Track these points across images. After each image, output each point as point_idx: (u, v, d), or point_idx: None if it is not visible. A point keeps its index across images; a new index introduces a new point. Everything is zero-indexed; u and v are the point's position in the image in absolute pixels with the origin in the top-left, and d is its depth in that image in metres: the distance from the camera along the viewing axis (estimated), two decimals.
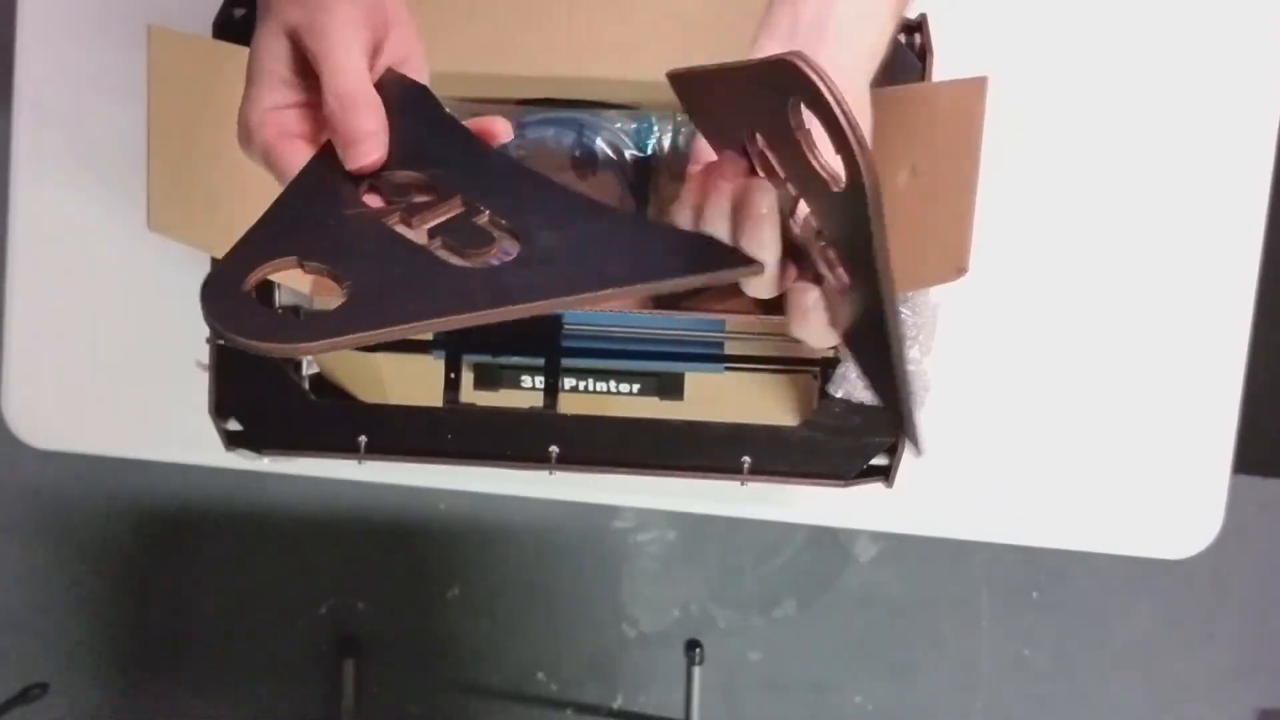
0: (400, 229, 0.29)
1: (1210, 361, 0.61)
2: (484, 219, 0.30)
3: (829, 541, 1.21)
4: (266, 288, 0.53)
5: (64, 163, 0.65)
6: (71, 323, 0.66)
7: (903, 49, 0.52)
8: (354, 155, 0.29)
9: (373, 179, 0.30)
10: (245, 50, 0.49)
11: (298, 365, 0.57)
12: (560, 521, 1.22)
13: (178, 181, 0.51)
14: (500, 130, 0.34)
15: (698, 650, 1.19)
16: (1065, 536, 0.63)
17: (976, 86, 0.46)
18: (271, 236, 0.29)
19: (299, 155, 0.30)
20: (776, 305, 0.51)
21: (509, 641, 1.23)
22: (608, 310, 0.58)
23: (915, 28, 0.52)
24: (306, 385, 0.57)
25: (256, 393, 0.54)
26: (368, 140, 0.29)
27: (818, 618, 1.22)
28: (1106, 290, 0.61)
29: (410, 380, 0.62)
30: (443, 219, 0.30)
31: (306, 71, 0.30)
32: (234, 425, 0.55)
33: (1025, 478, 0.62)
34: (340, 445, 0.54)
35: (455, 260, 0.29)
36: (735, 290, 0.35)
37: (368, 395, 0.61)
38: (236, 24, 0.52)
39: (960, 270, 0.49)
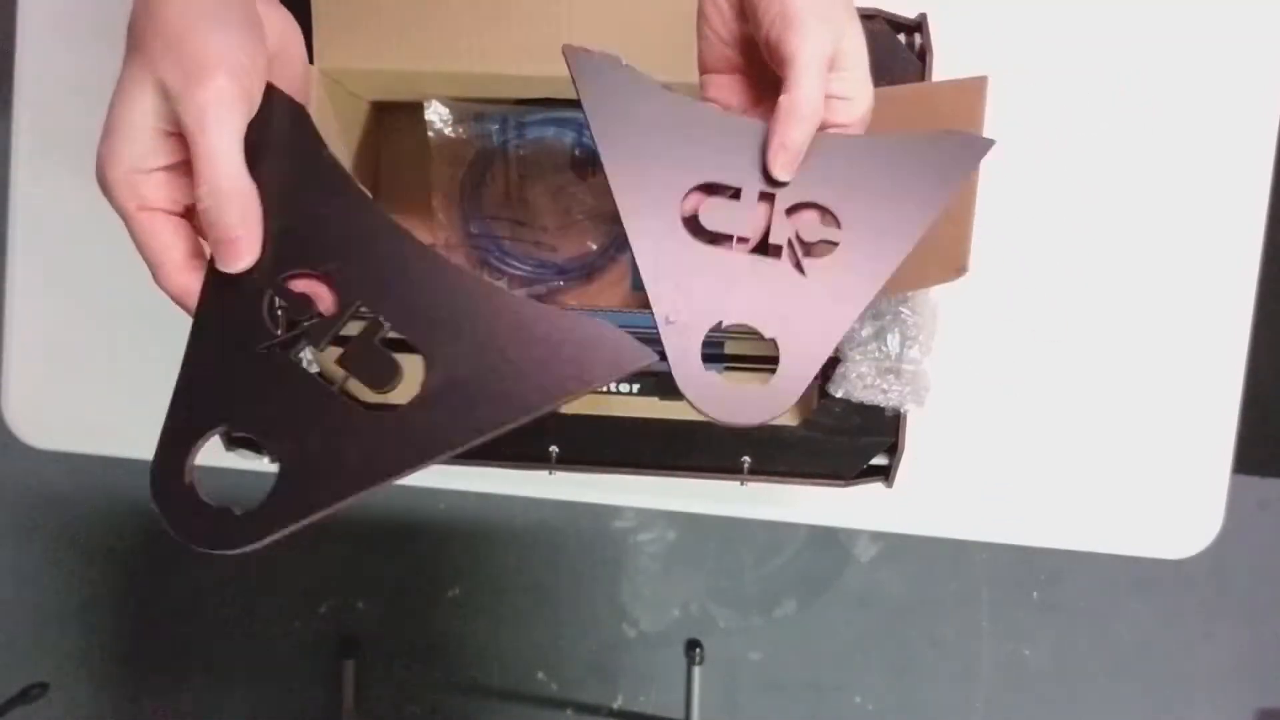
0: (306, 359, 0.29)
1: (1210, 361, 0.61)
2: (385, 333, 0.29)
3: (829, 541, 1.21)
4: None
5: (64, 163, 0.65)
6: (71, 323, 0.66)
7: (903, 48, 0.52)
8: (225, 255, 0.28)
9: (273, 287, 0.29)
10: None
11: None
12: (560, 522, 1.22)
13: None
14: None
15: (698, 650, 1.19)
16: (1065, 537, 0.63)
17: (977, 86, 0.46)
18: (194, 407, 0.29)
19: (160, 232, 0.29)
20: None
21: (509, 641, 1.23)
22: (607, 309, 0.58)
23: (915, 27, 0.52)
24: None
25: None
26: (240, 240, 0.28)
27: (818, 618, 1.22)
28: (1106, 290, 0.61)
29: (409, 380, 0.62)
30: (349, 344, 0.29)
31: (176, 133, 0.28)
32: None
33: (1025, 478, 0.62)
34: None
35: (365, 397, 0.29)
36: None
37: (368, 396, 0.61)
38: None
39: (960, 270, 0.48)
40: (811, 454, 0.53)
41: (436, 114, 0.57)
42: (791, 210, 0.31)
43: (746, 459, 0.53)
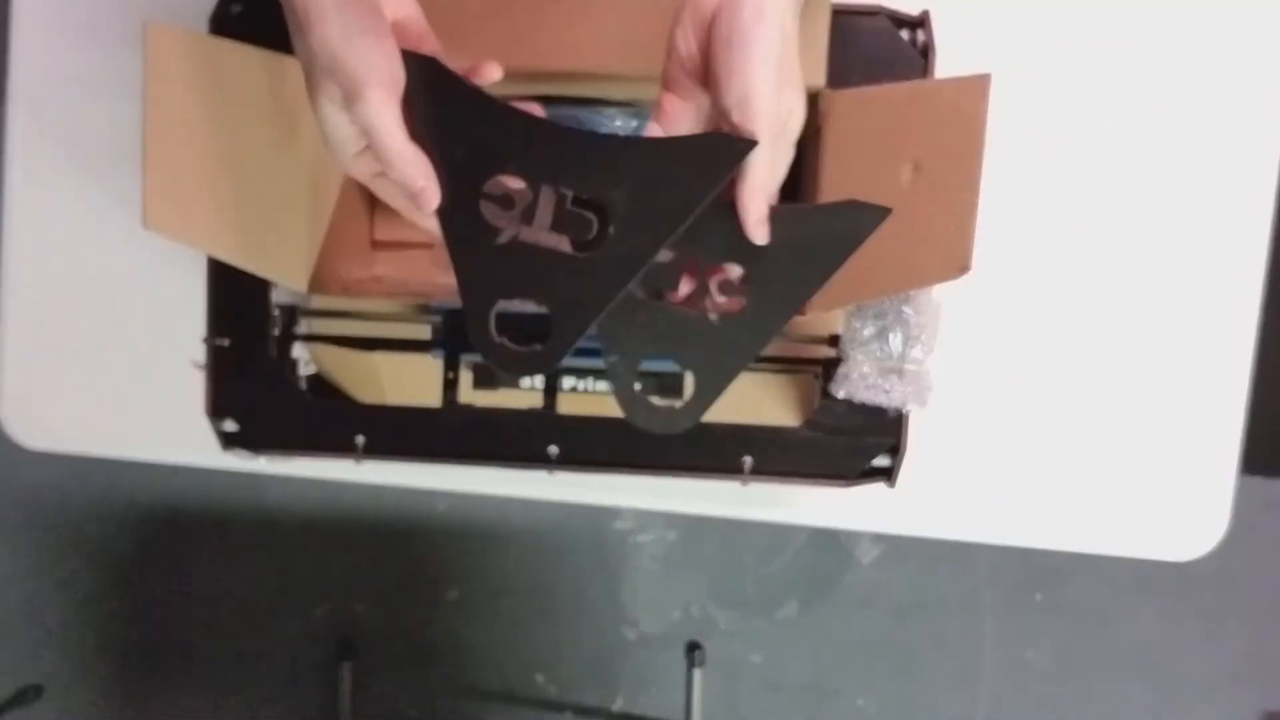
0: (529, 238, 0.38)
1: (1216, 362, 0.60)
2: (570, 199, 0.37)
3: (831, 543, 1.21)
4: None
5: (59, 161, 0.64)
6: (67, 323, 0.65)
7: (905, 45, 0.52)
8: (421, 204, 0.38)
9: (482, 196, 0.38)
10: (242, 46, 0.49)
11: (294, 365, 0.57)
12: (560, 523, 1.22)
13: (173, 179, 0.51)
14: (492, 73, 0.40)
15: (698, 652, 1.18)
16: (1069, 538, 0.63)
17: (980, 84, 0.46)
18: (476, 292, 0.38)
19: (388, 189, 0.39)
20: None
21: (508, 643, 1.23)
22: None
23: (918, 24, 0.52)
24: (304, 385, 0.56)
25: (253, 393, 0.54)
26: (426, 191, 0.37)
27: (819, 619, 1.21)
28: (1111, 290, 0.61)
29: (408, 380, 0.62)
30: (548, 216, 0.37)
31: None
32: (230, 426, 0.54)
33: (1028, 479, 0.62)
34: (338, 446, 0.54)
35: (578, 248, 0.37)
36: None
37: (365, 395, 0.60)
38: (233, 20, 0.52)
39: (963, 268, 0.48)
40: (813, 454, 0.53)
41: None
42: (710, 272, 0.40)
43: (748, 459, 0.52)
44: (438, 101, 0.37)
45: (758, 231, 0.37)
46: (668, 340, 0.40)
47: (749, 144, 0.36)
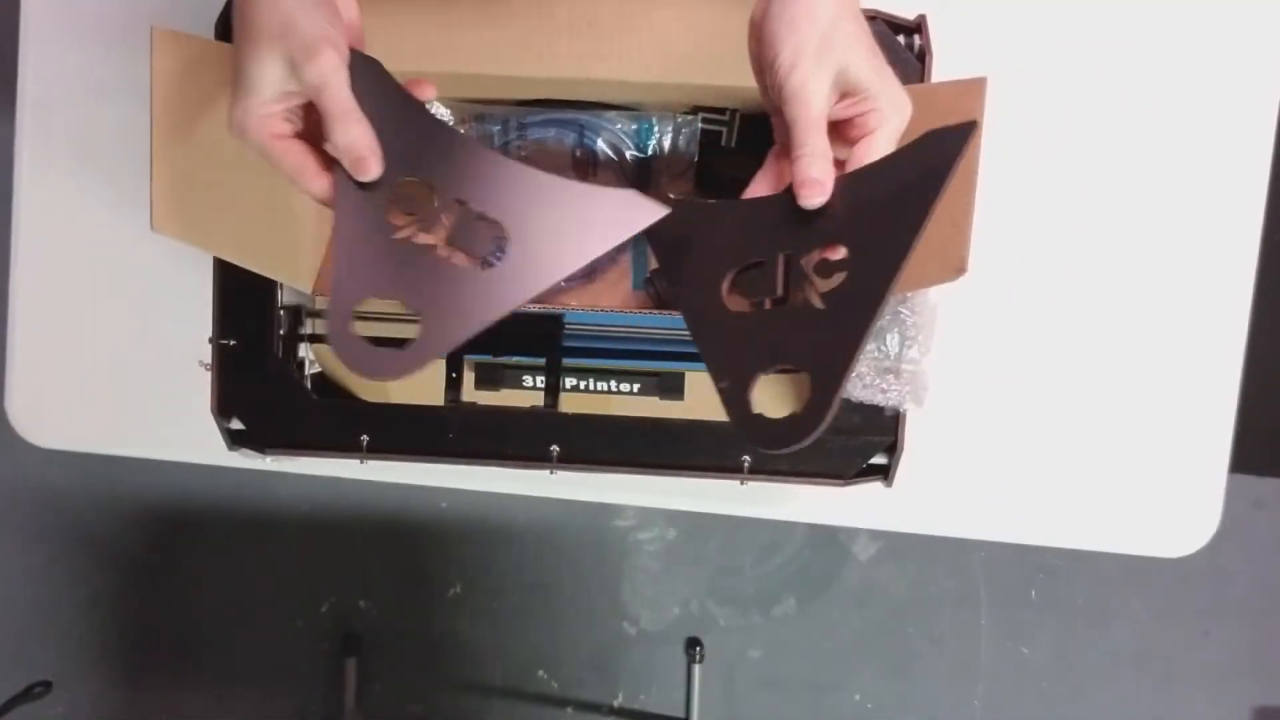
0: (424, 242, 0.38)
1: (1207, 360, 0.61)
2: (473, 215, 0.38)
3: (828, 540, 1.21)
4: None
5: (68, 163, 0.65)
6: (75, 322, 0.66)
7: (902, 50, 0.52)
8: (360, 170, 0.37)
9: (389, 195, 0.38)
10: None
11: (300, 364, 0.57)
12: (561, 520, 1.22)
13: (181, 182, 0.51)
14: (427, 91, 0.40)
15: (698, 648, 1.19)
16: (1063, 535, 0.64)
17: (976, 87, 0.46)
18: (349, 282, 0.38)
19: (293, 150, 0.38)
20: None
21: (510, 639, 1.24)
22: (608, 310, 0.58)
23: (915, 29, 0.52)
24: (309, 385, 0.57)
25: (259, 392, 0.54)
26: (369, 157, 0.37)
27: (817, 616, 1.22)
28: (1105, 290, 0.62)
29: (412, 380, 0.62)
30: (448, 226, 0.38)
31: (294, 91, 0.37)
32: (237, 424, 0.55)
33: (1024, 477, 0.62)
34: (342, 444, 0.54)
35: (470, 263, 0.37)
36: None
37: (370, 394, 0.61)
38: None
39: (960, 270, 0.49)
40: (811, 453, 0.53)
41: (438, 115, 0.58)
42: (808, 260, 0.38)
43: (746, 458, 0.53)
44: (369, 102, 0.37)
45: (806, 193, 0.36)
46: (774, 347, 0.37)
47: (658, 203, 0.37)
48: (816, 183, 0.37)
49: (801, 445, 0.35)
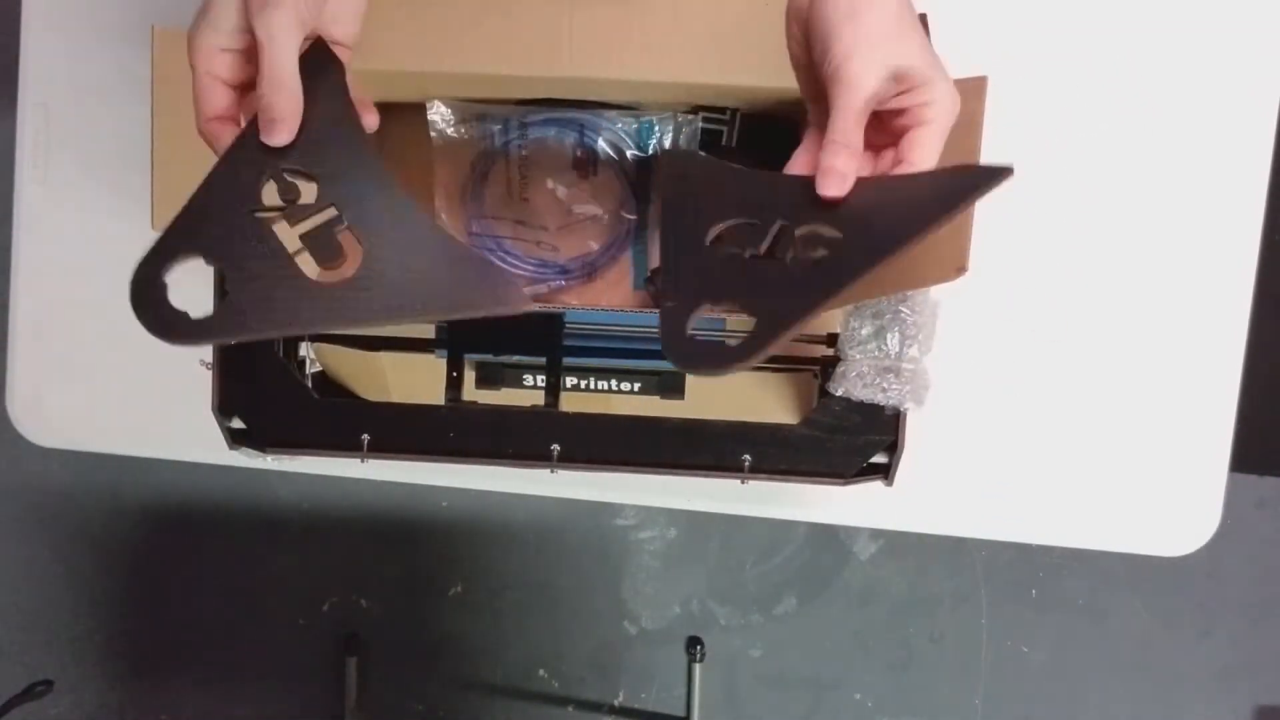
0: (280, 230, 0.37)
1: (1208, 360, 0.61)
2: (342, 231, 0.37)
3: (829, 539, 1.21)
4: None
5: (69, 163, 0.65)
6: (76, 322, 0.66)
7: None
8: (271, 132, 0.37)
9: (273, 174, 0.38)
10: None
11: (301, 364, 0.57)
12: (562, 519, 1.23)
13: (182, 182, 0.51)
14: (369, 122, 0.40)
15: (699, 647, 1.19)
16: (1064, 534, 0.64)
17: (976, 86, 0.46)
18: (184, 234, 0.37)
19: (214, 91, 0.38)
20: None
21: (511, 639, 1.24)
22: (608, 309, 0.58)
23: None
24: (310, 384, 0.57)
25: (260, 391, 0.54)
26: (283, 123, 0.37)
27: (818, 614, 1.22)
28: (1105, 290, 0.62)
29: (413, 379, 0.63)
30: (312, 226, 0.37)
31: (248, 31, 0.37)
32: (237, 424, 0.55)
33: (1024, 476, 0.62)
34: (343, 443, 0.54)
35: (309, 270, 0.37)
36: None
37: (370, 394, 0.61)
38: None
39: (960, 269, 0.49)
40: (811, 452, 0.53)
41: (439, 114, 0.58)
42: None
43: (747, 457, 0.53)
44: (310, 88, 0.37)
45: (827, 182, 0.36)
46: (732, 287, 0.37)
47: (512, 297, 0.36)
48: (841, 175, 0.37)
49: (715, 373, 0.36)
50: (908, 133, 0.37)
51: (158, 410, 0.66)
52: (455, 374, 0.56)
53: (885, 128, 0.38)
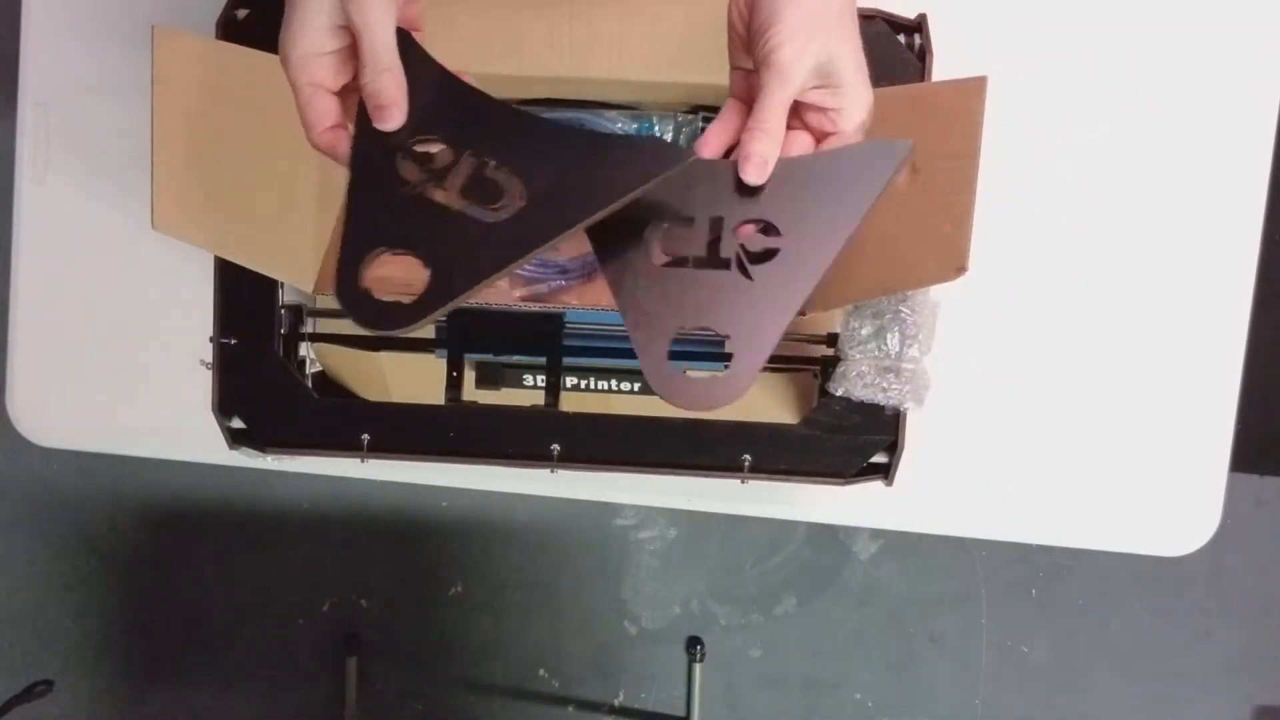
0: (437, 196, 0.37)
1: (1208, 360, 0.61)
2: (490, 169, 0.37)
3: (829, 539, 1.21)
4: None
5: (69, 162, 0.65)
6: (77, 321, 0.66)
7: (902, 49, 0.52)
8: (382, 118, 0.38)
9: (402, 151, 0.38)
10: (249, 50, 0.50)
11: (301, 364, 0.57)
12: (562, 519, 1.23)
13: (182, 181, 0.51)
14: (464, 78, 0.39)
15: (699, 647, 1.19)
16: (1064, 534, 0.64)
17: (976, 86, 0.46)
18: (362, 234, 0.37)
19: (321, 101, 0.38)
20: None
21: (511, 639, 1.24)
22: (609, 309, 0.58)
23: (915, 28, 0.52)
24: (310, 383, 0.57)
25: (260, 391, 0.54)
26: (395, 106, 0.37)
27: (818, 614, 1.22)
28: (1105, 290, 0.62)
29: (413, 379, 0.63)
30: (463, 179, 0.37)
31: (344, 27, 0.37)
32: (237, 423, 0.55)
33: (1024, 475, 0.62)
34: (343, 443, 0.54)
35: (484, 216, 0.37)
36: None
37: (370, 394, 0.61)
38: (240, 24, 0.53)
39: (960, 269, 0.49)
40: (812, 452, 0.53)
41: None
42: (738, 227, 0.38)
43: (747, 457, 0.53)
44: (406, 66, 0.38)
45: (749, 167, 0.37)
46: (699, 307, 0.37)
47: (683, 152, 0.37)
48: (762, 160, 0.37)
49: (714, 409, 0.36)
50: (824, 140, 0.39)
51: (158, 410, 0.66)
52: (455, 374, 0.56)
53: (797, 118, 0.39)
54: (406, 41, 0.38)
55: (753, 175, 0.37)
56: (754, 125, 0.37)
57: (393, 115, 0.37)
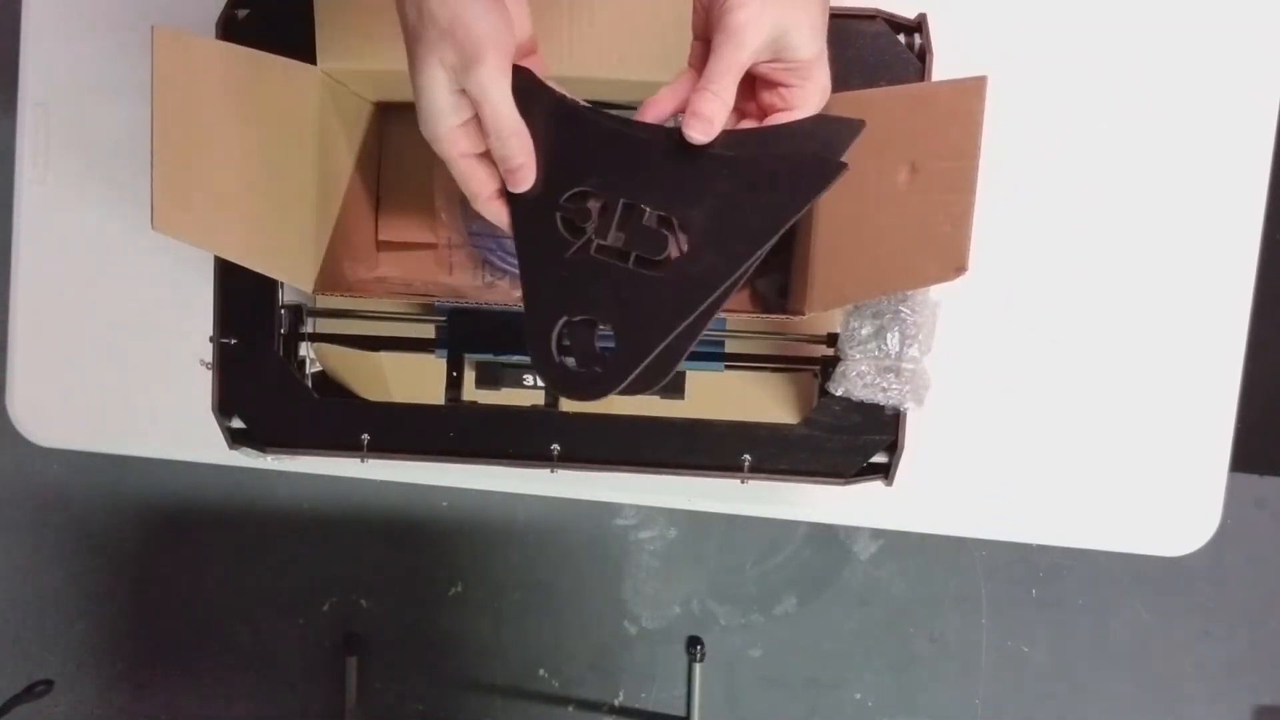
0: (599, 254, 0.37)
1: (1208, 360, 0.61)
2: (647, 216, 0.37)
3: (829, 539, 1.22)
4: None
5: (69, 163, 0.65)
6: (76, 321, 0.66)
7: (902, 49, 0.52)
8: (515, 181, 0.38)
9: (559, 210, 0.37)
10: (249, 50, 0.50)
11: (301, 364, 0.57)
12: (562, 519, 1.23)
13: (182, 181, 0.51)
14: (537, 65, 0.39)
15: (699, 647, 1.19)
16: (1064, 534, 0.64)
17: (976, 86, 0.46)
18: (542, 306, 0.37)
19: (478, 171, 0.38)
20: (778, 304, 0.50)
21: (511, 638, 1.24)
22: None
23: (915, 28, 0.52)
24: (310, 383, 0.57)
25: (260, 391, 0.54)
26: (524, 168, 0.37)
27: (818, 614, 1.22)
28: (1105, 290, 0.62)
29: (413, 379, 0.63)
30: (622, 229, 0.37)
31: (463, 92, 0.37)
32: (238, 423, 0.55)
33: (1024, 475, 0.62)
34: (343, 443, 0.54)
35: (652, 265, 0.36)
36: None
37: (370, 393, 0.61)
38: (240, 24, 0.53)
39: (960, 269, 0.49)
40: (812, 452, 0.53)
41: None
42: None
43: (747, 457, 0.53)
44: (527, 110, 0.37)
45: (695, 124, 0.36)
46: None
47: (840, 166, 0.35)
48: (708, 121, 0.36)
49: (592, 399, 0.36)
50: (773, 115, 0.37)
51: (158, 410, 0.66)
52: (455, 374, 0.56)
53: (749, 92, 0.38)
54: (527, 84, 0.37)
55: (698, 133, 0.36)
56: (704, 85, 0.36)
57: (524, 177, 0.37)
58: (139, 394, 0.66)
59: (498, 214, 0.39)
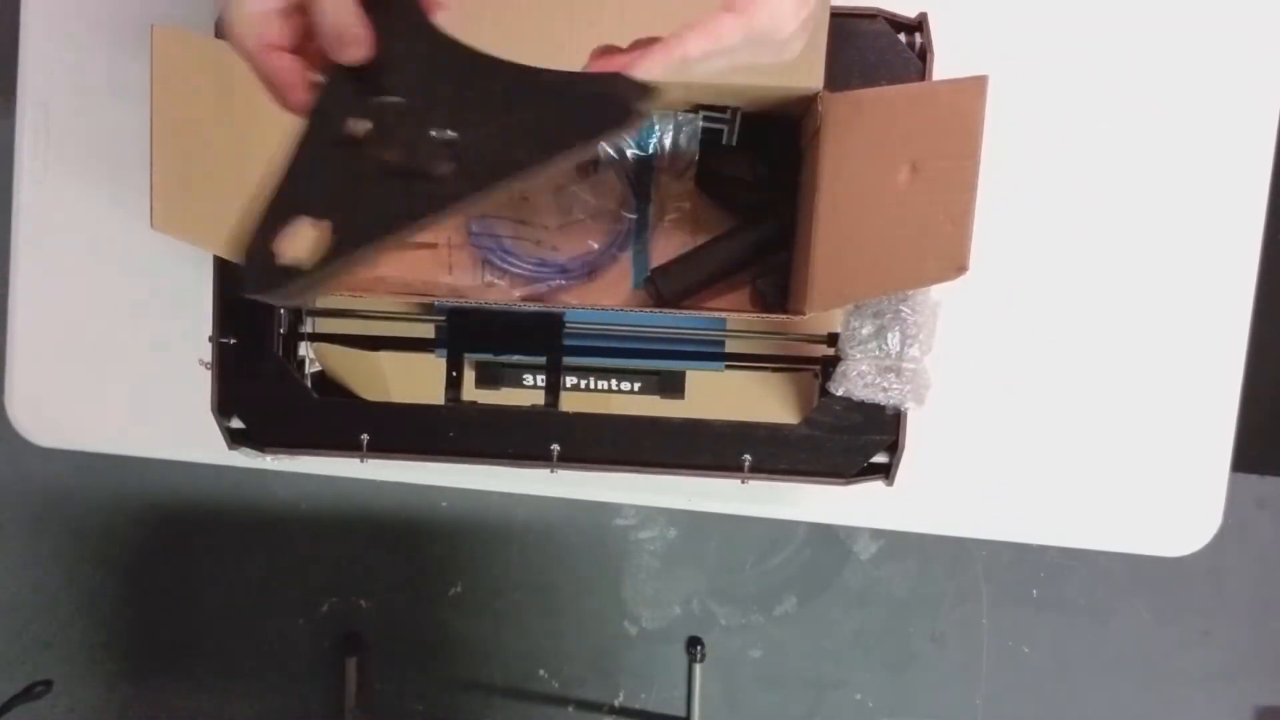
0: (382, 156, 0.34)
1: (1209, 360, 0.61)
2: (435, 129, 0.33)
3: (829, 539, 1.21)
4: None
5: (68, 162, 0.65)
6: (76, 321, 0.66)
7: (903, 48, 0.52)
8: (346, 50, 0.33)
9: (362, 109, 0.34)
10: None
11: (301, 364, 0.57)
12: (562, 519, 1.23)
13: (181, 180, 0.51)
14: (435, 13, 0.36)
15: (699, 647, 1.19)
16: (1064, 534, 0.64)
17: (977, 85, 0.46)
18: (288, 196, 0.34)
19: (281, 61, 0.34)
20: (778, 304, 0.50)
21: (511, 639, 1.24)
22: (608, 309, 0.58)
23: (915, 27, 0.52)
24: (309, 383, 0.57)
25: (259, 391, 0.54)
26: (356, 40, 0.33)
27: (818, 615, 1.22)
28: (1106, 289, 0.62)
29: (412, 379, 0.63)
30: (410, 135, 0.34)
31: None
32: (237, 423, 0.55)
33: (1025, 476, 0.62)
34: (343, 443, 0.54)
35: (413, 173, 0.33)
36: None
37: (370, 394, 0.61)
38: None
39: (960, 269, 0.49)
40: (812, 452, 0.53)
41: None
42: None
43: (747, 457, 0.53)
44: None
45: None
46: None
47: (640, 114, 0.32)
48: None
49: (287, 303, 0.34)
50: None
51: (157, 410, 0.66)
52: (455, 374, 0.56)
53: None
54: None
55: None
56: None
57: (358, 47, 0.33)
58: (139, 394, 0.66)
59: (300, 105, 0.35)
